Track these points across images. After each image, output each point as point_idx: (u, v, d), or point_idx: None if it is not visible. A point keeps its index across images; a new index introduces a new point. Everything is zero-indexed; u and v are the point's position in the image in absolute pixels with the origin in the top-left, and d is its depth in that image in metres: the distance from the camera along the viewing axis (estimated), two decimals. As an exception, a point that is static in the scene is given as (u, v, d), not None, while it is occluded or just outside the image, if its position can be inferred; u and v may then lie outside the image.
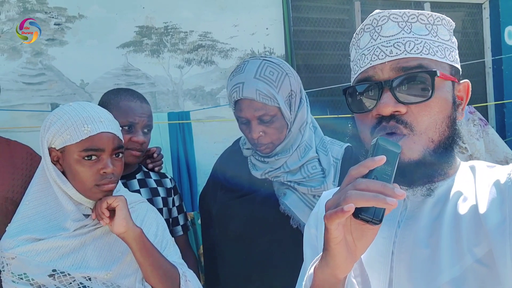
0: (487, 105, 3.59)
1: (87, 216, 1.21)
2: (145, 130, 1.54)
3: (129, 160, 1.49)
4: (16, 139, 1.64)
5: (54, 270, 1.13)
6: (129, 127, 1.49)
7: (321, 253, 0.70)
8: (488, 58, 3.75)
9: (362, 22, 0.86)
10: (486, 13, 3.78)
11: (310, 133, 1.42)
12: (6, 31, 2.44)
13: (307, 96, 1.44)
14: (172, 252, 1.31)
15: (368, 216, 0.62)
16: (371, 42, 0.81)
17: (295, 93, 1.37)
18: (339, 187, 0.96)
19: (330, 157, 1.38)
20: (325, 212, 0.65)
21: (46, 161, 1.18)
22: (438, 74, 0.75)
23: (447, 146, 0.78)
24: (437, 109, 0.76)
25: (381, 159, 0.64)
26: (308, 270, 0.76)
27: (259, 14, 2.99)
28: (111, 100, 1.52)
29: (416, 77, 0.76)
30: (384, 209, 0.62)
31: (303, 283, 0.76)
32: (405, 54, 0.77)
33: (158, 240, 1.28)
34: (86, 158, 1.15)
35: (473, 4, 3.76)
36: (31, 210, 1.19)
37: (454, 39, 0.84)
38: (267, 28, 3.03)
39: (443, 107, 0.77)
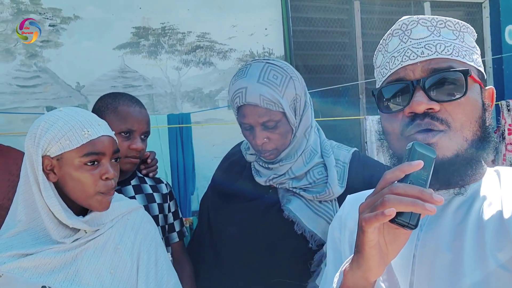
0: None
1: (75, 230, 1.14)
2: (143, 137, 1.49)
3: (126, 168, 1.44)
4: (10, 143, 1.59)
5: (43, 287, 1.07)
6: (128, 133, 1.44)
7: (352, 256, 0.71)
8: (488, 57, 3.73)
9: (361, 22, 0.85)
10: (486, 12, 3.76)
11: (315, 137, 1.37)
12: (0, 32, 2.38)
13: (311, 99, 1.40)
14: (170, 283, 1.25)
15: (405, 220, 0.63)
16: (401, 45, 0.82)
17: (299, 96, 1.33)
18: (368, 190, 0.95)
19: (332, 159, 1.34)
20: (360, 215, 0.66)
21: (39, 173, 1.11)
22: (471, 73, 0.77)
23: (479, 147, 0.78)
24: (470, 108, 0.78)
25: (419, 164, 0.64)
26: (338, 272, 0.76)
27: (258, 14, 2.95)
28: (108, 104, 1.47)
29: (449, 77, 0.77)
30: (420, 214, 0.63)
31: (333, 285, 0.76)
32: (436, 55, 0.78)
33: (152, 272, 1.21)
34: (87, 163, 1.10)
35: (473, 3, 3.73)
36: (21, 227, 1.12)
37: (478, 48, 0.86)
38: (266, 29, 2.99)
39: (475, 107, 0.79)
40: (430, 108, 0.76)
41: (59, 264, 1.09)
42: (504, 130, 3.34)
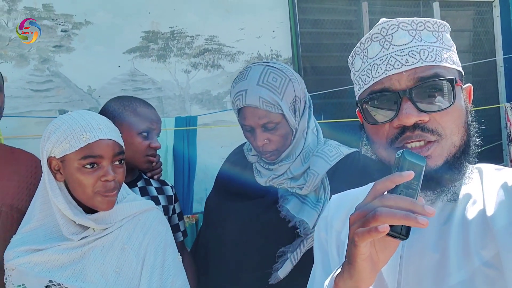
0: (499, 99, 3.53)
1: (84, 228, 1.20)
2: (156, 137, 1.58)
3: (146, 166, 1.52)
4: (24, 146, 1.65)
5: (50, 281, 1.12)
6: (147, 133, 1.50)
7: (343, 265, 0.70)
8: (500, 56, 3.69)
9: (370, 24, 0.85)
10: (496, 11, 3.72)
11: (313, 137, 1.40)
12: (14, 38, 2.46)
13: (311, 100, 1.42)
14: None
15: (396, 232, 0.63)
16: (383, 52, 0.80)
17: (299, 98, 1.35)
18: (352, 190, 0.97)
19: (319, 151, 1.35)
20: (351, 227, 0.66)
21: (44, 172, 1.18)
22: (457, 81, 0.77)
23: (465, 151, 0.79)
24: (457, 114, 0.78)
25: (410, 175, 0.64)
26: (328, 280, 0.76)
27: (265, 16, 2.98)
28: (126, 106, 1.52)
29: (436, 86, 0.77)
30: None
31: None
32: (421, 63, 0.77)
33: (157, 273, 1.24)
34: (86, 166, 1.15)
35: (483, 2, 3.70)
36: (35, 223, 1.19)
37: (454, 44, 0.85)
38: (273, 31, 3.01)
39: (461, 112, 0.79)
40: (420, 120, 0.75)
41: (67, 261, 1.15)
42: (511, 132, 3.31)
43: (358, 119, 0.91)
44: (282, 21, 3.02)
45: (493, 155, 3.39)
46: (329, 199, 1.30)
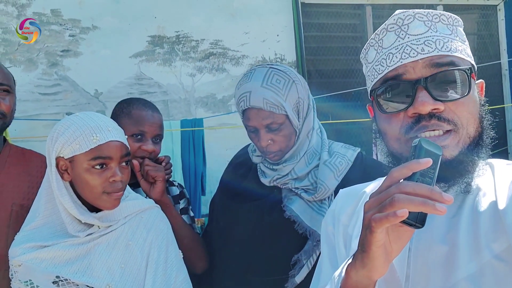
0: (504, 107, 3.52)
1: (89, 225, 1.23)
2: (155, 140, 1.55)
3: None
4: (32, 148, 1.68)
5: (57, 277, 1.15)
6: (140, 135, 1.51)
7: (355, 254, 0.69)
8: (504, 59, 3.69)
9: (373, 27, 0.86)
10: (501, 15, 3.72)
11: (317, 138, 1.42)
12: (23, 43, 2.51)
13: (314, 102, 1.44)
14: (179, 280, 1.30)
15: (412, 220, 0.61)
16: (399, 41, 0.80)
17: (302, 100, 1.37)
18: (361, 184, 0.96)
19: (324, 157, 1.36)
20: (365, 214, 0.65)
21: (52, 171, 1.21)
22: (473, 71, 0.77)
23: (479, 143, 0.78)
24: (472, 105, 0.77)
25: (427, 162, 0.63)
26: (339, 270, 0.75)
27: (269, 21, 3.01)
28: (123, 109, 1.55)
29: (452, 75, 0.76)
30: (427, 213, 0.61)
31: (335, 283, 0.75)
32: (437, 52, 0.77)
33: (161, 268, 1.26)
34: (95, 167, 1.18)
35: (488, 5, 3.71)
36: (40, 221, 1.22)
37: (467, 39, 0.86)
38: (278, 35, 3.04)
39: (475, 103, 0.79)
40: (435, 108, 0.75)
41: (73, 257, 1.17)
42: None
43: (360, 120, 0.91)
44: (286, 25, 3.05)
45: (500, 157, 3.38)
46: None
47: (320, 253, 1.26)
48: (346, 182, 1.32)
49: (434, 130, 0.75)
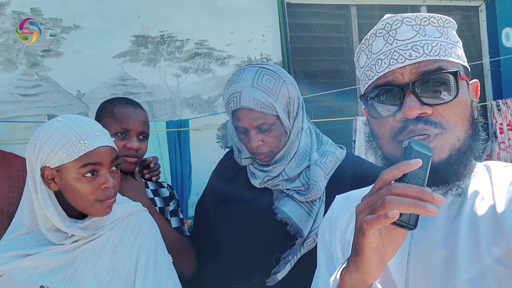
0: (486, 105, 3.58)
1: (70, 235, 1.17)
2: (141, 137, 1.51)
3: (124, 168, 1.46)
4: (13, 151, 1.62)
5: (42, 286, 1.09)
6: (123, 133, 1.47)
7: (349, 258, 0.69)
8: (486, 60, 3.76)
9: (358, 27, 0.85)
10: (482, 16, 3.79)
11: (306, 139, 1.40)
12: (2, 43, 2.43)
13: (304, 102, 1.43)
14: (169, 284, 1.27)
15: (404, 221, 0.61)
16: (387, 46, 0.81)
17: (293, 100, 1.36)
18: (357, 190, 0.96)
19: (314, 157, 1.36)
20: (358, 216, 0.65)
21: (37, 182, 1.14)
22: (460, 74, 0.77)
23: (469, 145, 0.78)
24: (461, 107, 0.77)
25: (417, 163, 0.63)
26: (334, 275, 0.75)
27: (255, 21, 2.99)
28: (105, 108, 1.51)
29: (439, 79, 0.77)
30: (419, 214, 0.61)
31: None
32: (425, 57, 0.77)
33: (151, 274, 1.23)
34: (86, 174, 1.13)
35: (470, 7, 3.77)
36: (24, 230, 1.15)
37: (460, 41, 0.86)
38: (263, 35, 3.02)
39: (465, 106, 0.79)
40: (423, 113, 0.75)
41: (58, 265, 1.12)
42: (496, 130, 3.37)
43: (343, 118, 0.91)
44: (272, 25, 3.04)
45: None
46: (324, 201, 1.31)
47: (305, 252, 1.26)
48: (335, 180, 1.31)
49: (421, 134, 0.75)
